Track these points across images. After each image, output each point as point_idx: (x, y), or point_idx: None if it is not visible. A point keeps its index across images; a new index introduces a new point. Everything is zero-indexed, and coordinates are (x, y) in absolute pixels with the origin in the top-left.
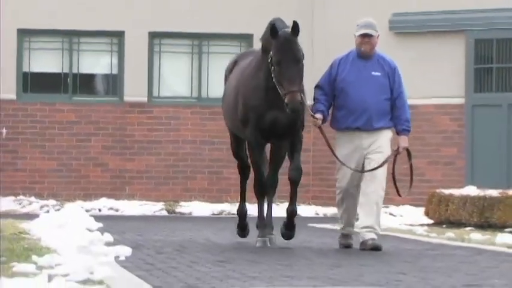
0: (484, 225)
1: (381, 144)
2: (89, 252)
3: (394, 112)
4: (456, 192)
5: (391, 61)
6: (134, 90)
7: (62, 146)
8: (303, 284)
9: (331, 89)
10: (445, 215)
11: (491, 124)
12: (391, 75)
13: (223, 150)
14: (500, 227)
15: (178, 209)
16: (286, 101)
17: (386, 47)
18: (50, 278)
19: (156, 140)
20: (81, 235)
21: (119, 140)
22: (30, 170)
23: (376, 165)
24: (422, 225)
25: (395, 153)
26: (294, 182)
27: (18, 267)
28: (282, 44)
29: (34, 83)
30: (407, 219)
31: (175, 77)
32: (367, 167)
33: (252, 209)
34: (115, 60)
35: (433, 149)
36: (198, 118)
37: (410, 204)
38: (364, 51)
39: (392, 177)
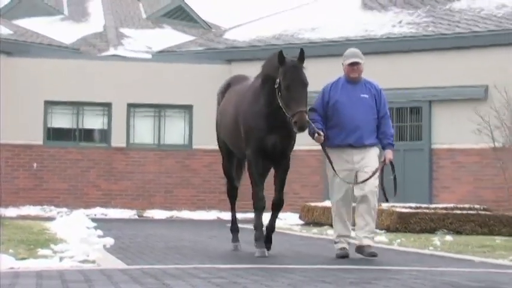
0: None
1: (369, 159)
2: (87, 242)
3: (380, 128)
4: (319, 204)
5: (377, 85)
6: (118, 139)
7: (72, 175)
8: (219, 262)
9: (324, 111)
10: (312, 218)
11: None
12: (377, 97)
13: (173, 178)
14: None
15: (145, 215)
16: (294, 119)
17: None
18: (61, 259)
19: (131, 171)
20: (82, 231)
21: (108, 171)
22: (51, 189)
23: (366, 177)
24: (297, 225)
25: (383, 164)
26: (276, 211)
27: (41, 251)
28: (289, 70)
29: (54, 134)
30: (289, 221)
31: (144, 131)
32: (360, 178)
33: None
34: (106, 120)
35: (304, 177)
36: (158, 158)
37: (291, 212)
38: (353, 78)
39: (381, 185)
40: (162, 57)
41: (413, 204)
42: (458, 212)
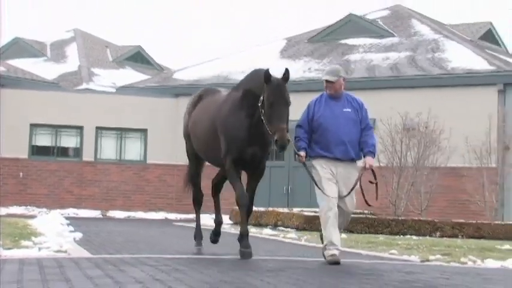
0: (257, 225)
1: (352, 175)
2: (61, 235)
3: (361, 138)
4: None
5: (358, 99)
6: (88, 155)
7: (51, 182)
8: (165, 253)
9: (310, 127)
10: (239, 219)
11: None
12: (359, 110)
13: (131, 186)
14: (265, 225)
15: (108, 214)
16: (276, 137)
17: None
18: (40, 249)
19: (98, 180)
20: (58, 227)
21: (80, 179)
22: (34, 193)
23: (349, 190)
24: (228, 224)
25: (363, 170)
26: (248, 212)
27: (23, 243)
28: (274, 89)
29: (37, 150)
30: None
31: (108, 149)
32: (342, 193)
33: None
34: (78, 140)
35: None
36: (120, 170)
37: (222, 213)
38: (330, 94)
39: (361, 191)
40: (124, 91)
41: (317, 209)
42: (352, 215)
